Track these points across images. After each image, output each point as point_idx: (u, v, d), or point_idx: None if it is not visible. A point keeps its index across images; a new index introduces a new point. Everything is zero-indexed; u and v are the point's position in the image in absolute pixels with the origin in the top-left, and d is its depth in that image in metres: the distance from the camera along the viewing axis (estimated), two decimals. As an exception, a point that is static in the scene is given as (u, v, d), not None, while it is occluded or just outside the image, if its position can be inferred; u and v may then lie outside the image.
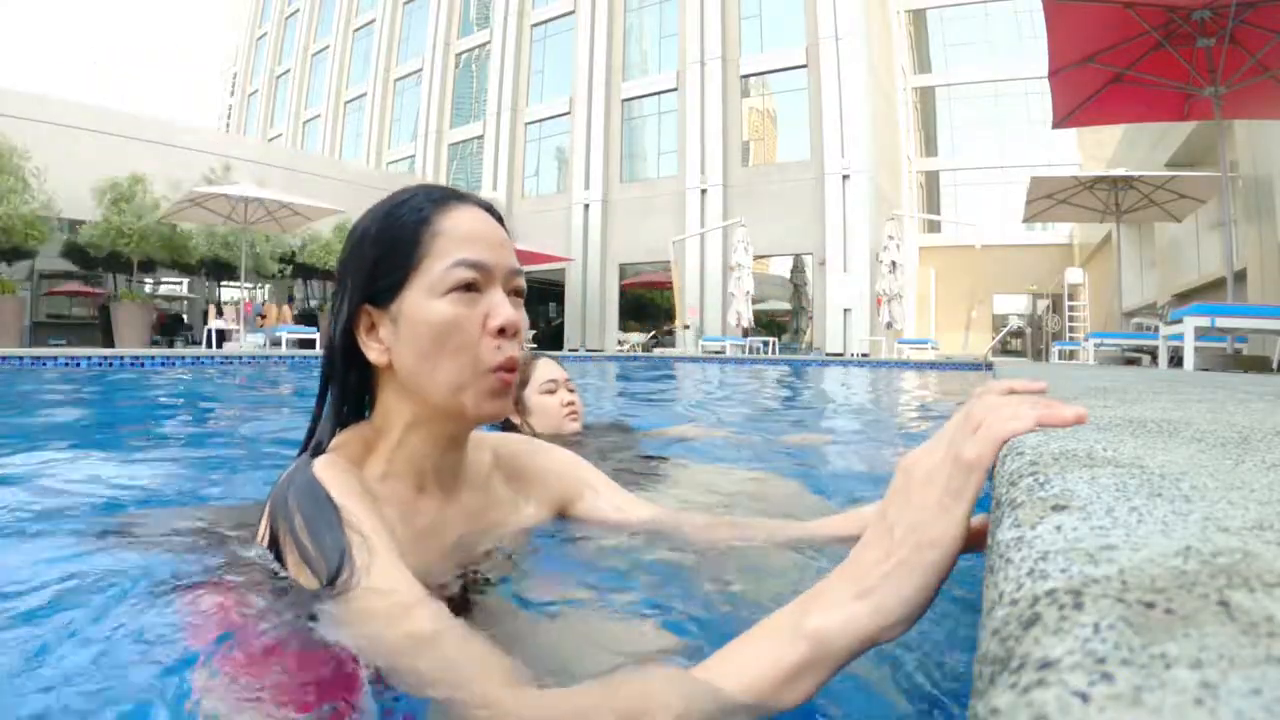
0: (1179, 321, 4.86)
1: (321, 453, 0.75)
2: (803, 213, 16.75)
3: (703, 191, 18.02)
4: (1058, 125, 6.27)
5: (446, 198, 0.77)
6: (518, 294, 0.78)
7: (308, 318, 15.77)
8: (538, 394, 1.79)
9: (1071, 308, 15.93)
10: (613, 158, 19.95)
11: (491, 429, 1.40)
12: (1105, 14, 5.11)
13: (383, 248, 0.74)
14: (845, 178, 16.14)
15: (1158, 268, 11.11)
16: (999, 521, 0.36)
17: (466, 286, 0.73)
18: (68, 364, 6.53)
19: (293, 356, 8.92)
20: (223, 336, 12.33)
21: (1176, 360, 5.70)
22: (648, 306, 20.88)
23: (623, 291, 19.88)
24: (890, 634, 0.43)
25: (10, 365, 6.12)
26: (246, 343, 11.95)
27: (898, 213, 14.68)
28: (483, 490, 0.86)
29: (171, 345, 13.76)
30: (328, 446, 0.77)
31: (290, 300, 17.70)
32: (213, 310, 13.50)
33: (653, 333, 18.10)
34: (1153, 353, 6.79)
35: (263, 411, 3.75)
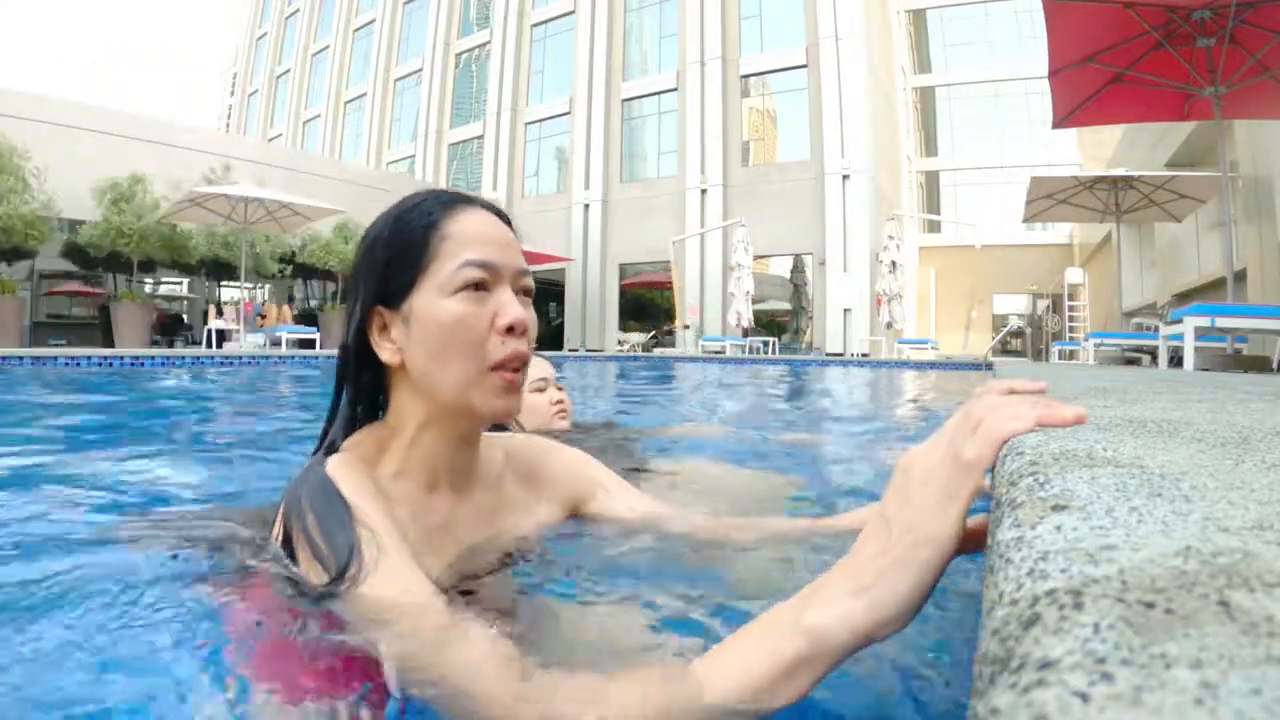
0: (1179, 321, 4.87)
1: (335, 452, 0.77)
2: (803, 213, 16.76)
3: (703, 191, 18.02)
4: (1058, 125, 6.27)
5: (455, 201, 0.79)
6: (526, 294, 0.80)
7: (308, 318, 15.76)
8: (528, 392, 1.79)
9: (1071, 308, 15.94)
10: (613, 158, 19.95)
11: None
12: (1105, 14, 5.11)
13: (393, 250, 0.76)
14: (845, 178, 16.15)
15: (1158, 268, 11.11)
16: (999, 521, 0.36)
17: (475, 286, 0.75)
18: (68, 364, 6.53)
19: (293, 356, 8.93)
20: (223, 336, 12.33)
21: (1176, 360, 5.70)
22: (648, 306, 20.89)
23: (623, 291, 19.89)
24: (886, 630, 0.43)
25: (10, 365, 6.13)
26: (246, 343, 11.95)
27: (898, 213, 14.67)
28: (495, 489, 0.87)
29: (171, 345, 13.77)
30: (342, 446, 0.78)
31: (290, 300, 17.70)
32: (213, 310, 13.50)
33: (653, 333, 18.09)
34: (1153, 353, 6.79)
35: (263, 411, 3.76)
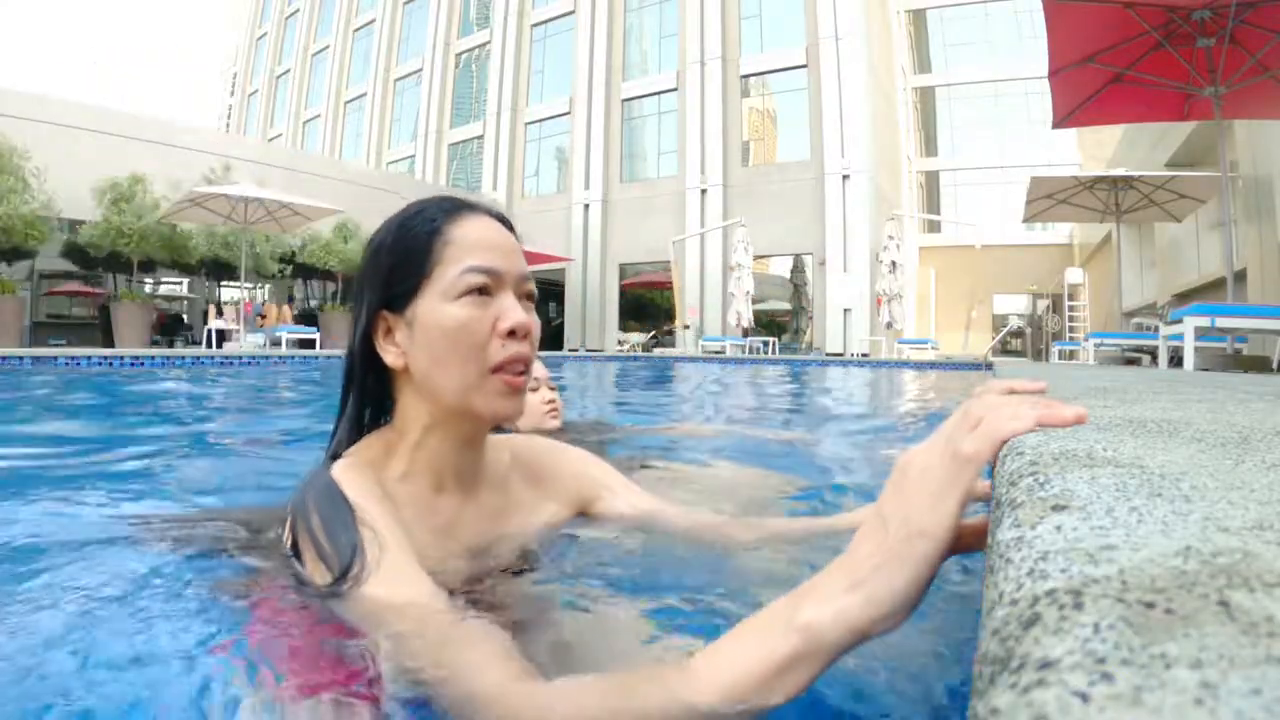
0: (1179, 321, 4.86)
1: (341, 455, 0.78)
2: (803, 213, 16.76)
3: (703, 191, 18.02)
4: (1058, 125, 6.27)
5: (458, 208, 0.80)
6: (529, 299, 0.81)
7: (308, 318, 15.75)
8: None
9: (1071, 308, 15.94)
10: (613, 158, 19.95)
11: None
12: (1105, 14, 5.11)
13: (397, 256, 0.78)
14: (845, 178, 16.15)
15: (1158, 268, 11.11)
16: (999, 521, 0.36)
17: (478, 291, 0.76)
18: (68, 364, 6.53)
19: (293, 356, 8.92)
20: (223, 336, 12.33)
21: (1176, 360, 5.69)
22: (648, 306, 20.88)
23: (623, 291, 19.89)
24: (882, 626, 0.42)
25: (10, 365, 6.12)
26: (246, 343, 11.95)
27: (898, 213, 14.67)
28: (501, 490, 0.88)
29: (171, 345, 13.76)
30: (349, 449, 0.80)
31: (290, 300, 17.69)
32: (213, 310, 13.49)
33: (653, 333, 18.08)
34: (1153, 353, 6.79)
35: (265, 410, 3.75)
